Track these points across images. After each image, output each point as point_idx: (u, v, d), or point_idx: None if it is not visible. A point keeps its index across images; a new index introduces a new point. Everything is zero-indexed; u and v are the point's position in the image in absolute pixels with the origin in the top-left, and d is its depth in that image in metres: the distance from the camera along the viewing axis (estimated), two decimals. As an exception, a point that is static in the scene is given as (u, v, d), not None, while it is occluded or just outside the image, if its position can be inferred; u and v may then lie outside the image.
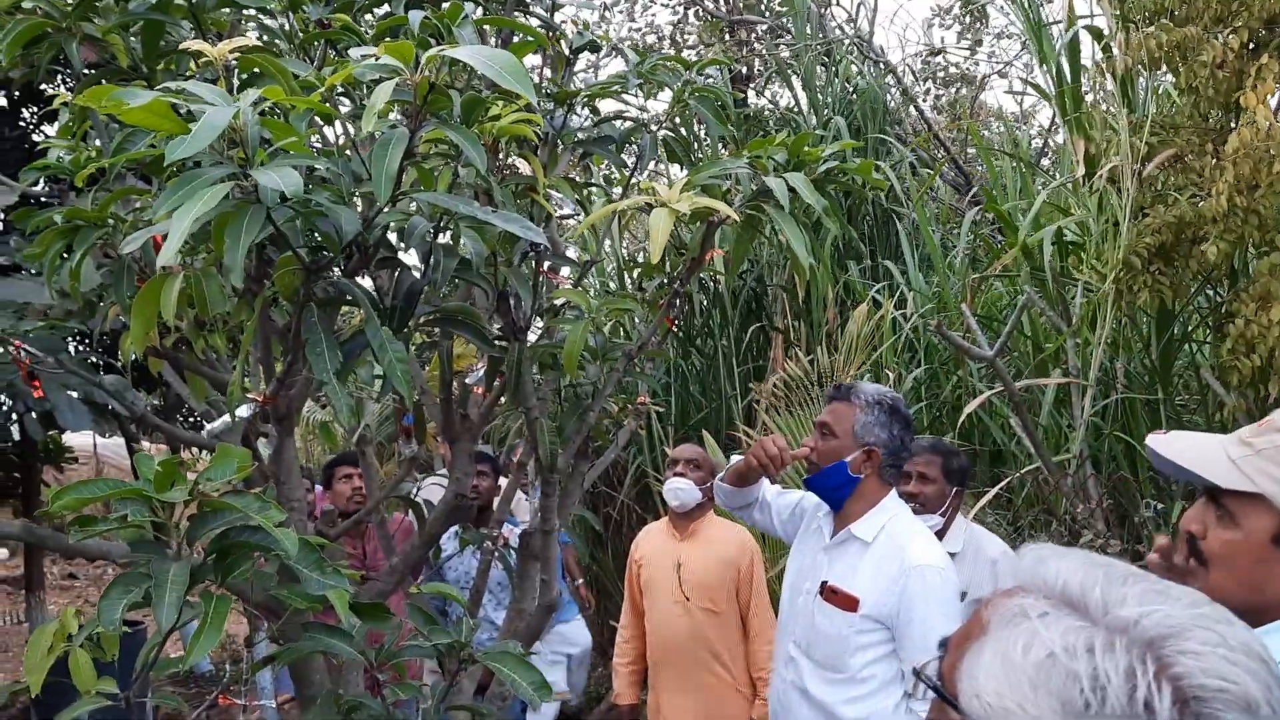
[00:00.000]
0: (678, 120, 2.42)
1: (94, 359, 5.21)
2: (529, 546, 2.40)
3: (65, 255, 1.85)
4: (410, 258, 1.76)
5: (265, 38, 2.03)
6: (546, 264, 2.13)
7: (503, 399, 2.33)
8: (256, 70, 1.54)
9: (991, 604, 0.82)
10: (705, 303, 7.25)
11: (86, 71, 1.94)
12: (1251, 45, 3.54)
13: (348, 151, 1.63)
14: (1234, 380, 3.41)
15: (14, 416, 5.21)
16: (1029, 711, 0.74)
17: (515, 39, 2.11)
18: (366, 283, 1.93)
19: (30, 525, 1.60)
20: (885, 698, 2.41)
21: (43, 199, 4.97)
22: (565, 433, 2.24)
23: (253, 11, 1.95)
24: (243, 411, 1.60)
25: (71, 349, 5.05)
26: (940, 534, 3.15)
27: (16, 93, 6.53)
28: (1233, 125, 3.54)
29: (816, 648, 2.49)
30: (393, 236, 1.72)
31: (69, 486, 1.21)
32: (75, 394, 4.55)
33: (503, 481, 4.21)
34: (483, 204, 1.67)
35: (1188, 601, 0.76)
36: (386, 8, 1.98)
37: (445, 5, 1.51)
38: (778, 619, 2.85)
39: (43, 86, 5.93)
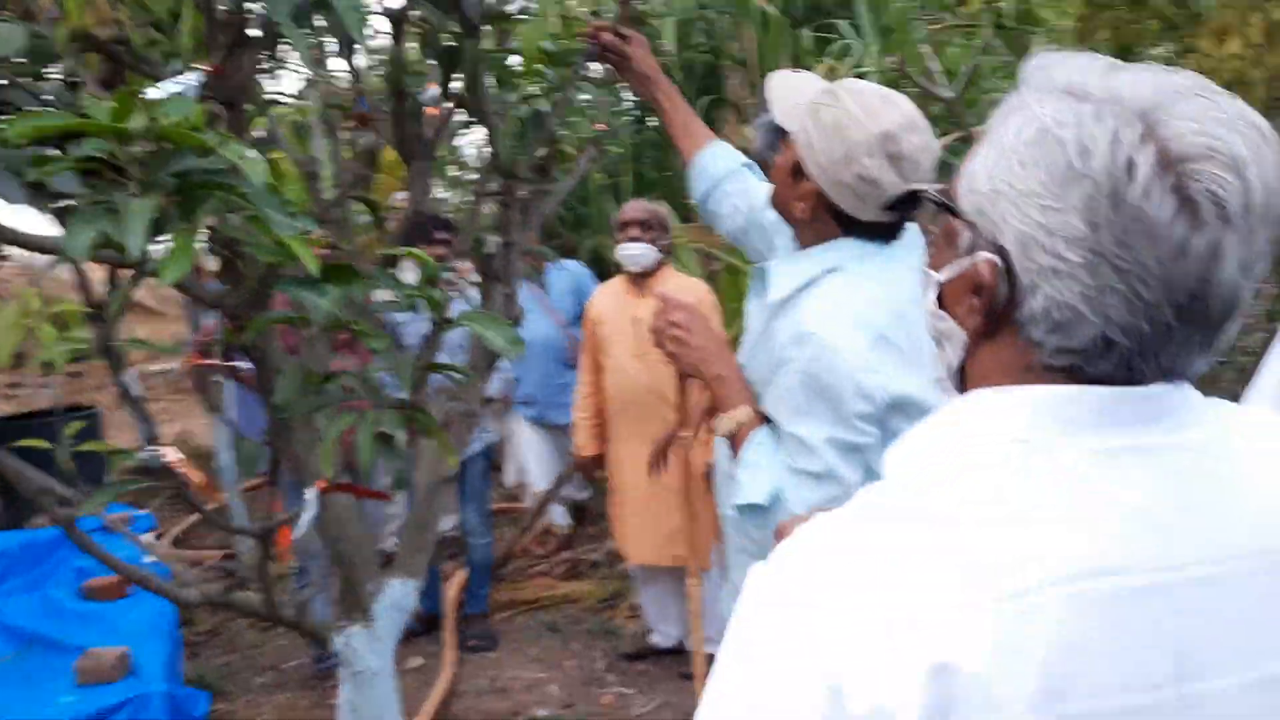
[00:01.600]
0: None
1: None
2: (489, 267, 2.40)
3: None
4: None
5: None
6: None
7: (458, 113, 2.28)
8: None
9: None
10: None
11: None
12: None
13: None
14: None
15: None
16: (1017, 188, 0.74)
17: None
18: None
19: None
20: None
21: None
22: (526, 140, 2.21)
23: None
24: (189, 79, 1.54)
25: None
26: None
27: None
28: None
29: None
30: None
31: (24, 115, 1.17)
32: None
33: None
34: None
35: (1190, 78, 0.74)
36: None
37: None
38: None
39: None
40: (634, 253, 3.94)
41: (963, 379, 0.85)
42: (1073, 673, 0.67)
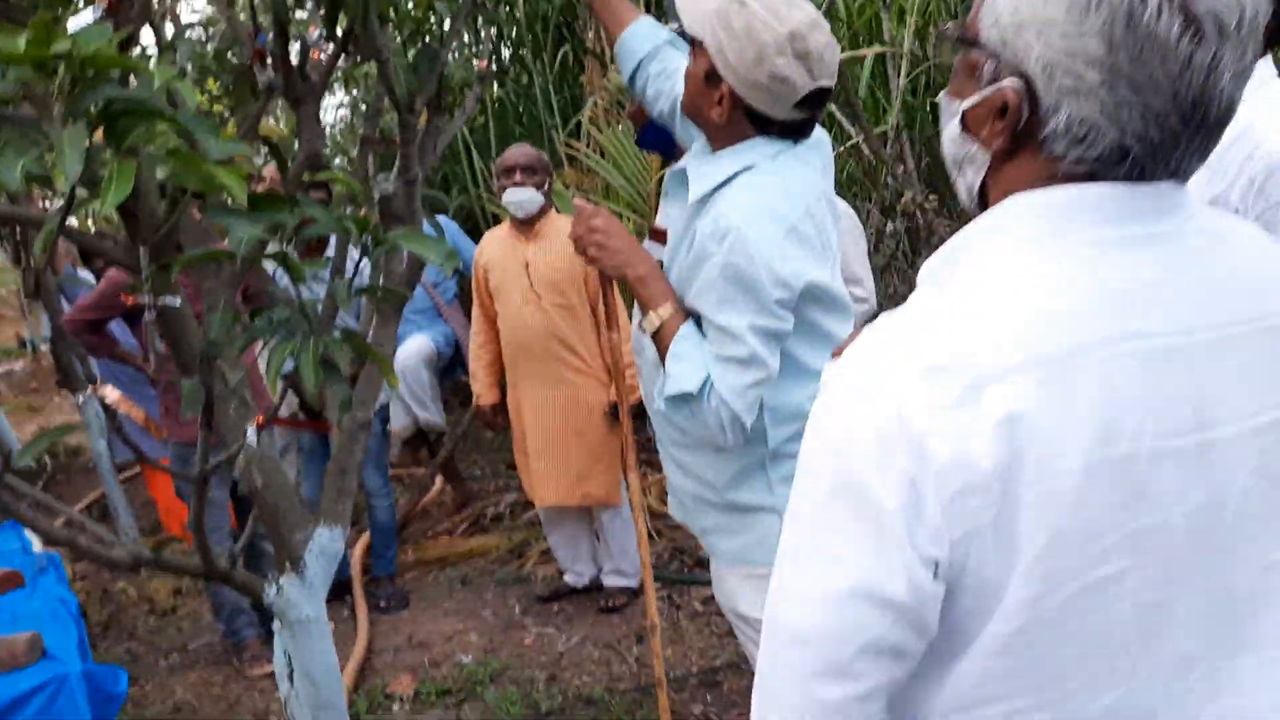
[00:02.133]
0: None
1: None
2: (390, 208, 2.39)
3: None
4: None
5: None
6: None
7: (345, 54, 2.26)
8: None
9: None
10: (515, 32, 7.03)
11: None
12: None
13: None
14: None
15: None
16: (1040, 17, 0.84)
17: None
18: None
19: None
20: None
21: None
22: (420, 73, 2.20)
23: None
24: (87, 13, 1.50)
25: None
26: None
27: None
28: None
29: None
30: None
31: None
32: None
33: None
34: None
35: None
36: None
37: None
38: None
39: None
40: (520, 198, 3.94)
41: (983, 199, 0.96)
42: (1114, 421, 0.81)
